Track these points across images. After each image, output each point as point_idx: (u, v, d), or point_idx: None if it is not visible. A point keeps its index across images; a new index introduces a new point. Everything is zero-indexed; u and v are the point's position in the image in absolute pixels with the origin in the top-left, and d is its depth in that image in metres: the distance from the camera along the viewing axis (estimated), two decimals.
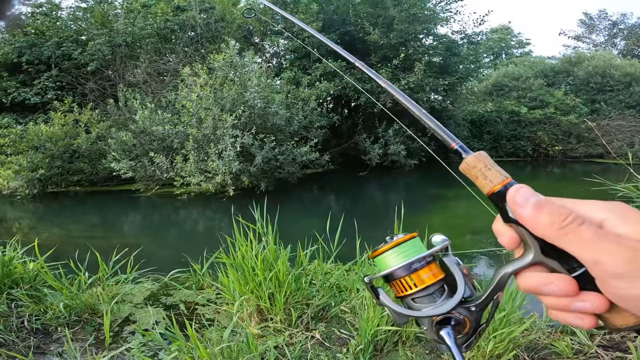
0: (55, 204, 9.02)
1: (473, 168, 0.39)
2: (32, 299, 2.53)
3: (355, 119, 14.41)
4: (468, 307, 0.38)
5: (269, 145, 8.58)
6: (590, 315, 0.32)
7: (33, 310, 2.43)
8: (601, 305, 0.31)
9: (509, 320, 1.95)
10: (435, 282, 0.40)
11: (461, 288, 0.38)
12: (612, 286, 0.29)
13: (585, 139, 16.71)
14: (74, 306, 2.47)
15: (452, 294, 0.39)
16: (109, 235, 6.48)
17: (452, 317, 0.37)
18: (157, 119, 8.90)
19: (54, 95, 11.07)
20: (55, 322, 2.38)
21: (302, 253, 2.66)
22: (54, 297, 2.55)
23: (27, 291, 2.55)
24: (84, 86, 12.02)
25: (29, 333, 2.27)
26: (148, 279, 3.28)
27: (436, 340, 0.39)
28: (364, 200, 9.86)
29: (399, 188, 11.77)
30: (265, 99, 9.20)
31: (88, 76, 12.02)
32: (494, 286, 0.37)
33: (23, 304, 2.46)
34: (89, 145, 9.66)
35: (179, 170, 8.53)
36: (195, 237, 6.81)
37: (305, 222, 7.07)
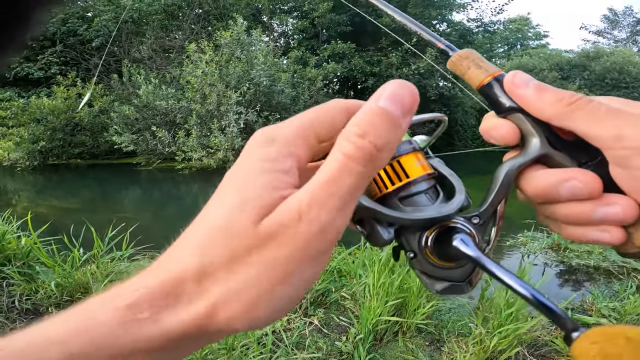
0: (55, 176, 8.99)
1: (465, 59, 0.30)
2: (24, 277, 2.44)
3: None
4: (470, 219, 0.26)
5: (273, 123, 8.45)
6: (618, 227, 0.24)
7: (24, 290, 2.35)
8: (632, 209, 0.23)
9: (517, 316, 1.87)
10: (426, 176, 0.27)
11: (460, 187, 0.28)
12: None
13: None
14: (66, 285, 2.37)
15: (448, 199, 0.27)
16: (108, 209, 6.44)
17: (456, 226, 0.25)
18: (161, 94, 8.88)
19: (58, 70, 11.00)
20: (47, 302, 2.30)
21: None
22: (46, 275, 2.47)
23: (19, 268, 2.46)
24: (89, 62, 11.92)
25: (19, 314, 2.20)
26: (144, 257, 3.21)
27: (435, 266, 0.26)
28: None
29: None
30: (271, 77, 9.14)
31: (93, 52, 11.90)
32: (498, 188, 0.27)
33: (15, 283, 2.37)
34: (91, 119, 9.67)
35: (180, 145, 8.54)
36: (195, 213, 6.71)
37: None
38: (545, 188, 0.25)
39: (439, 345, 2.12)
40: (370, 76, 12.76)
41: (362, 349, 1.93)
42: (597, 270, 3.57)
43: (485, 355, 1.87)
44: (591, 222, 0.25)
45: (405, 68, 12.41)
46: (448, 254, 0.25)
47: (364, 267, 2.48)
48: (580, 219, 0.25)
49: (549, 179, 0.25)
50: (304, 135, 0.22)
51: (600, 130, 0.23)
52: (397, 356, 2.00)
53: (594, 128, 0.24)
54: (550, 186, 0.25)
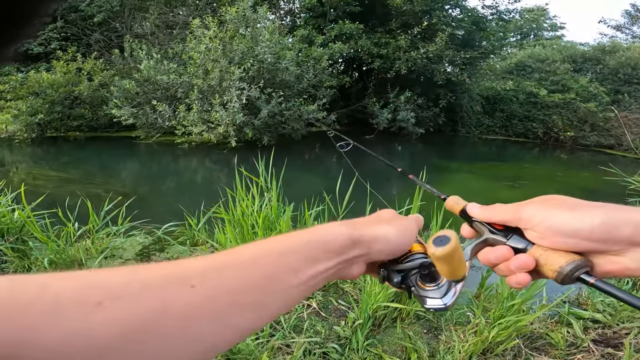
0: (53, 148, 8.90)
1: (452, 199, 0.53)
2: (17, 252, 2.38)
3: (366, 83, 14.07)
4: None
5: (277, 100, 8.50)
6: (524, 273, 0.39)
7: (17, 267, 2.28)
8: (530, 260, 0.38)
9: (519, 309, 1.84)
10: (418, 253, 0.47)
11: None
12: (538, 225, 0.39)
13: (600, 128, 16.35)
14: (59, 262, 2.32)
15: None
16: (105, 182, 6.39)
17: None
18: (162, 69, 8.75)
19: (58, 45, 10.78)
20: None
21: (307, 213, 2.49)
22: (40, 252, 2.39)
23: (12, 244, 2.39)
24: (90, 37, 11.69)
25: None
26: (141, 232, 3.17)
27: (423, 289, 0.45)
28: (366, 162, 9.70)
29: (403, 154, 11.64)
30: (276, 54, 8.96)
31: (94, 27, 11.64)
32: (468, 258, 0.43)
33: (8, 259, 2.31)
34: (91, 92, 9.55)
35: (181, 120, 8.49)
36: (193, 187, 6.71)
37: (307, 180, 6.93)
38: (487, 259, 0.42)
39: (437, 333, 2.10)
40: (377, 58, 12.45)
41: (360, 334, 1.91)
42: None
43: (483, 345, 1.85)
44: (511, 271, 0.39)
45: (413, 52, 12.09)
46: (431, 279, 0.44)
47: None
48: (506, 270, 0.40)
49: (488, 254, 0.42)
50: None
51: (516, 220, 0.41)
52: (395, 342, 1.98)
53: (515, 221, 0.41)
54: (489, 259, 0.42)
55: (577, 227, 0.35)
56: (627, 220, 0.33)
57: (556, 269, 0.36)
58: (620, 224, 0.33)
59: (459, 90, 14.55)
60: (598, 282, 0.35)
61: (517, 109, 16.73)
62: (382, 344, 1.95)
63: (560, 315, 2.24)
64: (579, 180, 9.60)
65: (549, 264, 0.37)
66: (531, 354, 1.95)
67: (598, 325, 2.27)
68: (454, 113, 15.23)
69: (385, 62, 12.50)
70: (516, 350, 1.96)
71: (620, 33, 25.91)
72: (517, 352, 1.96)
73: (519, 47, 23.10)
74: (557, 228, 0.36)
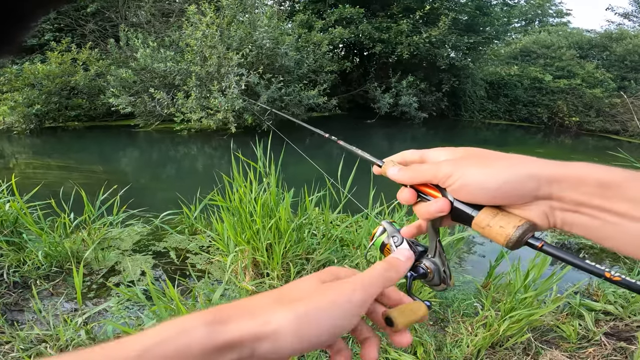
0: (52, 139, 8.82)
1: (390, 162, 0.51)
2: (12, 246, 2.30)
3: (368, 67, 13.85)
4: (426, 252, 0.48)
5: (276, 86, 8.40)
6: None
7: (12, 261, 2.21)
8: (445, 203, 0.40)
9: (531, 302, 1.75)
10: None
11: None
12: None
13: (605, 114, 16.22)
14: (55, 255, 2.25)
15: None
16: (105, 170, 6.32)
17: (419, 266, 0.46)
18: (159, 57, 8.61)
19: (52, 36, 10.57)
20: (35, 274, 2.17)
21: (308, 199, 2.39)
22: (34, 244, 2.32)
23: (6, 237, 2.32)
24: (84, 27, 11.44)
25: (8, 287, 2.07)
26: (139, 221, 3.10)
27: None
28: (369, 147, 9.55)
29: (405, 139, 11.51)
30: (274, 39, 8.80)
31: (88, 18, 11.38)
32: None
33: (3, 253, 2.24)
34: (88, 82, 9.44)
35: (179, 107, 8.40)
36: (192, 174, 6.64)
37: (307, 165, 6.84)
38: (427, 212, 0.41)
39: (443, 326, 2.04)
40: (378, 42, 12.18)
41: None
42: (603, 252, 3.48)
43: (492, 339, 1.77)
44: (431, 214, 0.41)
45: (415, 36, 11.80)
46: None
47: (368, 237, 2.33)
48: (426, 214, 0.42)
49: (429, 207, 0.41)
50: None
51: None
52: None
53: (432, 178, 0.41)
54: (429, 211, 0.41)
55: (487, 183, 0.36)
56: (530, 175, 0.35)
57: (507, 233, 0.36)
58: (524, 179, 0.35)
59: (463, 75, 14.30)
60: (546, 246, 0.35)
61: (522, 94, 16.54)
62: (386, 337, 1.88)
63: (571, 306, 2.17)
64: None
65: (498, 228, 0.36)
66: (541, 347, 1.88)
67: (610, 317, 2.20)
68: (457, 98, 15.04)
69: (387, 47, 12.23)
70: (526, 344, 1.90)
71: (628, 21, 25.39)
72: (526, 345, 1.89)
73: (523, 33, 22.82)
74: (470, 185, 0.37)
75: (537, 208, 0.35)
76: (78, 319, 1.73)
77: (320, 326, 0.30)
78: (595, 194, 0.32)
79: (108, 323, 1.66)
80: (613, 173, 0.32)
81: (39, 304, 1.83)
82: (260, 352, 0.28)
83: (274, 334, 0.28)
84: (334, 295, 0.32)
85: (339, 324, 0.31)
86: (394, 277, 0.38)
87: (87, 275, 2.29)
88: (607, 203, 0.31)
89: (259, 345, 0.28)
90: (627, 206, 0.31)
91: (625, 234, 0.31)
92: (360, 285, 0.34)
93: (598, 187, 0.32)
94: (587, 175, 0.33)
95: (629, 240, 0.31)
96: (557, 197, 0.34)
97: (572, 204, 0.33)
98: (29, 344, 1.61)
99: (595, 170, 0.33)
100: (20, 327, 1.76)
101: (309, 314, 0.30)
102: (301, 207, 2.36)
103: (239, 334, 0.28)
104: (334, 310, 0.31)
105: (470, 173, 0.37)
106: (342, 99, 12.71)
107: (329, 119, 12.90)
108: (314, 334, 0.30)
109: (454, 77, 13.64)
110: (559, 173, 0.34)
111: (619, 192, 0.31)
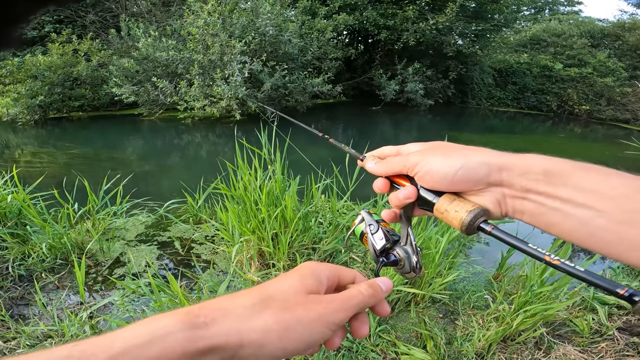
0: (57, 129, 8.82)
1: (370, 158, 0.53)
2: (16, 238, 2.27)
3: (373, 54, 13.68)
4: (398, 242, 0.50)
5: (280, 73, 8.32)
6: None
7: (17, 253, 2.18)
8: (412, 190, 0.43)
9: (547, 297, 1.69)
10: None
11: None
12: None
13: (616, 102, 15.94)
14: (59, 247, 2.21)
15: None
16: (109, 159, 6.31)
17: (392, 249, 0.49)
18: (161, 46, 8.53)
19: (52, 28, 10.52)
20: (40, 266, 2.14)
21: (314, 186, 2.33)
22: (37, 236, 2.28)
23: (10, 229, 2.28)
24: (84, 18, 11.33)
25: (13, 281, 2.04)
26: (143, 211, 3.06)
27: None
28: (374, 134, 9.44)
29: (411, 126, 11.38)
30: (277, 27, 8.65)
31: (88, 9, 11.29)
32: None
33: (8, 245, 2.20)
34: (90, 73, 9.42)
35: (183, 95, 8.36)
36: (196, 162, 6.62)
37: (312, 152, 6.77)
38: (396, 199, 0.44)
39: (453, 318, 1.99)
40: (383, 29, 11.92)
41: (372, 319, 1.80)
42: None
43: (504, 333, 1.72)
44: (400, 201, 0.44)
45: (422, 23, 11.53)
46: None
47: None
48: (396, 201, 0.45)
49: (398, 194, 0.44)
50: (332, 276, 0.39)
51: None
52: (409, 328, 1.87)
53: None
54: (398, 197, 0.44)
55: (446, 170, 0.39)
56: (482, 162, 0.37)
57: (461, 217, 0.38)
58: (477, 165, 0.37)
59: (470, 63, 14.02)
60: (495, 230, 0.37)
61: (531, 82, 16.25)
62: (395, 330, 1.84)
63: (585, 300, 2.11)
64: (592, 151, 9.35)
65: (453, 213, 0.39)
66: (554, 342, 1.83)
67: (623, 311, 2.14)
68: (464, 85, 14.80)
69: (392, 34, 11.98)
70: (538, 338, 1.85)
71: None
72: (538, 339, 1.84)
73: (533, 21, 22.37)
74: (433, 172, 0.40)
75: (490, 195, 0.38)
76: (83, 313, 1.71)
77: (301, 340, 0.32)
78: (541, 180, 0.34)
79: (111, 321, 1.63)
80: (560, 163, 0.35)
81: (44, 299, 1.81)
82: (242, 355, 0.29)
83: (258, 340, 0.30)
84: (318, 313, 0.33)
85: (318, 338, 0.33)
86: (372, 303, 0.40)
87: (93, 266, 2.27)
88: (552, 189, 0.34)
89: (242, 350, 0.29)
90: (571, 192, 0.33)
91: (569, 219, 0.33)
92: (343, 307, 0.35)
93: (544, 175, 0.34)
94: (535, 164, 0.35)
95: (571, 226, 0.33)
96: (508, 184, 0.36)
97: (520, 190, 0.36)
98: (35, 340, 1.59)
99: (543, 159, 0.35)
100: (26, 322, 1.74)
101: (292, 327, 0.31)
102: (307, 195, 2.30)
103: (224, 340, 0.28)
104: (316, 327, 0.33)
105: (433, 161, 0.40)
106: (347, 86, 12.55)
107: (334, 106, 12.75)
108: (293, 345, 0.31)
109: (461, 65, 13.38)
110: (509, 162, 0.36)
111: (563, 179, 0.33)
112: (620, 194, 0.31)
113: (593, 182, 0.32)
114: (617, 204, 0.30)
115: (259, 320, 0.30)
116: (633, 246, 0.30)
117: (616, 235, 0.31)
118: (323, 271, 0.38)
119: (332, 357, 1.63)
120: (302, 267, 0.38)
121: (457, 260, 2.16)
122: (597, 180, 0.32)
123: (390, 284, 0.42)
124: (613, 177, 0.32)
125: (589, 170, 0.33)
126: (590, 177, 0.32)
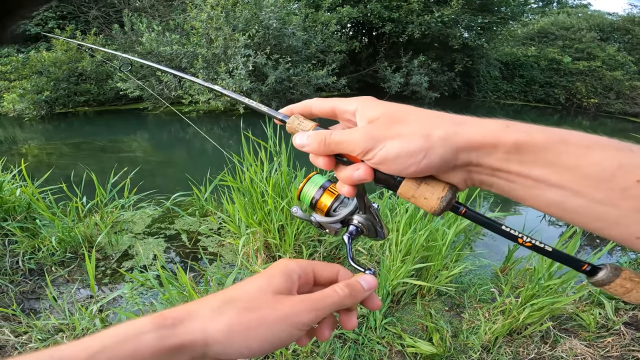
0: (63, 124, 8.90)
1: (295, 120, 0.47)
2: (25, 232, 2.29)
3: (377, 47, 13.57)
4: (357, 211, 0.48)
5: (284, 66, 8.32)
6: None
7: (27, 247, 2.19)
8: (369, 170, 0.38)
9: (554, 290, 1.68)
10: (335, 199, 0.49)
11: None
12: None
13: (625, 96, 15.72)
14: (68, 240, 2.23)
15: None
16: (115, 153, 6.36)
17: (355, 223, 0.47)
18: (165, 41, 8.55)
19: (55, 24, 10.58)
20: (50, 260, 2.16)
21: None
22: (47, 230, 2.30)
23: (20, 223, 2.30)
24: (87, 14, 11.36)
25: (24, 275, 2.07)
26: (150, 203, 3.09)
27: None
28: None
29: None
30: (281, 19, 8.62)
31: (91, 4, 11.30)
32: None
33: (18, 239, 2.22)
34: (95, 68, 9.48)
35: (187, 89, 8.42)
36: (202, 155, 6.65)
37: None
38: (349, 177, 0.39)
39: (459, 311, 1.99)
40: (388, 22, 11.79)
41: (378, 311, 1.81)
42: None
43: (510, 326, 1.72)
44: (352, 180, 0.39)
45: (427, 15, 11.38)
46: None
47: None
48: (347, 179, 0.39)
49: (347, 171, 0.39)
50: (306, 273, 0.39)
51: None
52: (415, 321, 1.87)
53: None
54: (351, 176, 0.39)
55: (407, 162, 0.35)
56: (446, 144, 0.34)
57: (432, 205, 0.36)
58: (441, 150, 0.34)
59: (476, 55, 13.85)
60: (467, 212, 0.37)
61: (538, 75, 16.04)
62: (401, 322, 1.85)
63: (592, 294, 2.10)
64: None
65: (423, 200, 0.37)
66: (560, 336, 1.83)
67: (629, 306, 2.13)
68: (470, 77, 14.65)
69: (397, 26, 11.85)
70: (544, 332, 1.85)
71: None
72: (545, 333, 1.84)
73: (541, 14, 22.03)
74: (389, 161, 0.36)
75: (456, 174, 0.35)
76: (93, 307, 1.73)
77: (265, 339, 0.32)
78: (512, 160, 0.31)
79: (121, 313, 1.65)
80: (534, 134, 0.31)
81: (54, 293, 1.83)
82: (211, 353, 0.31)
83: (223, 339, 0.31)
84: (283, 313, 0.33)
85: (284, 338, 0.33)
86: (350, 303, 0.38)
87: (102, 260, 2.29)
88: (524, 168, 0.31)
89: (209, 349, 0.31)
90: (544, 171, 0.30)
91: (542, 197, 0.31)
92: (314, 307, 0.35)
93: (515, 151, 0.31)
94: (505, 137, 0.31)
95: (545, 203, 0.31)
96: (476, 164, 0.34)
97: (489, 169, 0.33)
98: (46, 334, 1.61)
99: (515, 131, 0.32)
100: (37, 316, 1.77)
101: (255, 327, 0.32)
102: None
103: (190, 338, 0.30)
104: (282, 327, 0.33)
105: (390, 147, 0.35)
106: (352, 79, 12.50)
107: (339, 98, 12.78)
108: (258, 344, 0.32)
109: (467, 57, 13.22)
110: (476, 141, 0.33)
111: (538, 156, 0.30)
112: (601, 172, 0.28)
113: (570, 158, 0.29)
114: (595, 184, 0.28)
115: (222, 321, 0.32)
116: (614, 223, 0.28)
117: (595, 214, 0.29)
118: (294, 269, 0.38)
119: (338, 349, 1.64)
120: (273, 267, 0.38)
121: (463, 253, 2.16)
122: (576, 156, 0.29)
123: (374, 282, 0.40)
124: (595, 151, 0.29)
125: (567, 143, 0.30)
126: (568, 152, 0.30)
